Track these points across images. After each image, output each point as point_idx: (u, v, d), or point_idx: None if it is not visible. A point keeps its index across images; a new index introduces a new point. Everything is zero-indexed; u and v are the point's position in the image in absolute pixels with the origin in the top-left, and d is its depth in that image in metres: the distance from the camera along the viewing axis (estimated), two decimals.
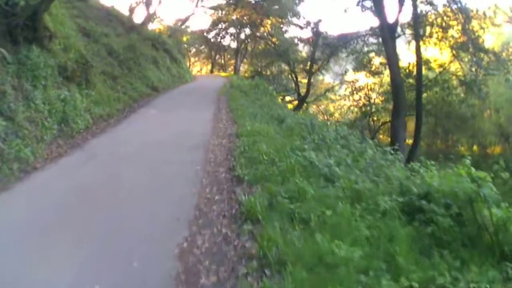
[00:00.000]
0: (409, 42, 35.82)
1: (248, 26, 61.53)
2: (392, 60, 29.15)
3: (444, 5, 31.66)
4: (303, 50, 57.44)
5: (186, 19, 62.96)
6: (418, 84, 31.66)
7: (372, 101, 44.86)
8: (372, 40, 40.50)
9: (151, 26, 50.54)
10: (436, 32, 33.40)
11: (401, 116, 28.89)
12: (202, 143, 14.26)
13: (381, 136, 44.68)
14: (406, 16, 48.05)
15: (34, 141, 12.13)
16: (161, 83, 31.50)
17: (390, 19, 29.56)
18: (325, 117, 56.47)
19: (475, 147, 44.63)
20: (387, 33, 28.64)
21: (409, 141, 34.85)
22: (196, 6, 61.80)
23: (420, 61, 32.00)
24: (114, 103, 20.33)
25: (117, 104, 20.72)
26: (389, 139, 42.08)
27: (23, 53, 13.62)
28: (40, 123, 12.94)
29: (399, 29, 32.45)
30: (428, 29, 33.20)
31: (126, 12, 40.93)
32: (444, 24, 32.74)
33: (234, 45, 73.21)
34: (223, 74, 63.88)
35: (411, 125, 34.89)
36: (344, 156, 11.02)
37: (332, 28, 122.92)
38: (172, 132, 16.04)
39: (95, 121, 17.05)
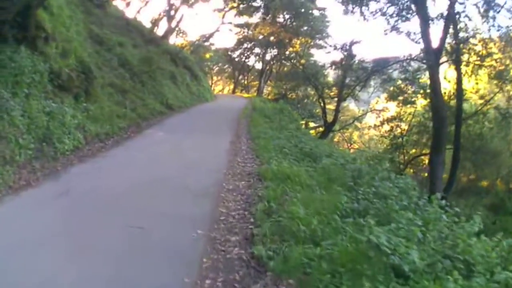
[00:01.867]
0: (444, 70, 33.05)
1: (275, 46, 58.72)
2: (436, 89, 26.07)
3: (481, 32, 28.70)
4: (329, 74, 54.58)
5: (211, 35, 61.51)
6: (458, 116, 28.66)
7: (404, 132, 41.56)
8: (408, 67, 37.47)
9: (174, 41, 49.56)
10: (474, 61, 30.25)
11: (442, 152, 25.92)
12: (212, 186, 10.83)
13: (409, 170, 41.53)
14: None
15: (1, 162, 9.74)
16: (177, 100, 29.21)
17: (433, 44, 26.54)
18: (349, 146, 54.36)
19: (498, 182, 41.50)
20: (433, 59, 25.47)
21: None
22: (222, 22, 59.96)
23: (461, 91, 29.11)
24: (117, 120, 17.60)
25: (121, 121, 17.95)
26: (414, 172, 39.49)
27: (7, 54, 11.51)
28: (13, 140, 10.49)
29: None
30: (466, 57, 30.01)
31: (148, 25, 39.69)
32: (483, 52, 29.61)
33: (258, 65, 72.04)
34: (245, 95, 62.71)
35: None
36: (414, 226, 7.49)
37: (361, 53, 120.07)
38: (176, 166, 12.94)
39: (88, 141, 14.27)
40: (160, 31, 43.25)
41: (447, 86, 32.94)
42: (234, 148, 16.72)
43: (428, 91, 34.43)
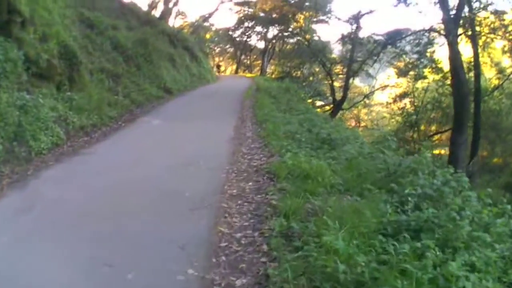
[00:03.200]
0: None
1: (278, 22, 56.79)
2: (457, 63, 23.81)
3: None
4: (333, 51, 55.04)
5: (210, 15, 61.25)
6: (477, 92, 26.85)
7: (417, 109, 39.56)
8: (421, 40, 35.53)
9: (173, 22, 50.31)
10: (487, 34, 28.61)
11: (465, 131, 24.15)
12: (210, 192, 8.47)
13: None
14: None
15: None
16: (176, 83, 27.82)
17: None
18: (357, 124, 52.79)
19: (509, 158, 39.34)
20: (453, 29, 23.26)
21: None
22: (222, 1, 58.65)
23: (478, 65, 27.15)
24: (107, 109, 16.15)
25: (112, 110, 16.54)
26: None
27: None
28: None
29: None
30: (477, 29, 27.94)
31: (145, 8, 39.62)
32: (497, 24, 28.11)
33: (261, 44, 71.69)
34: (248, 74, 62.50)
35: None
36: (489, 249, 5.27)
37: (370, 28, 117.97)
38: (170, 163, 10.72)
39: (70, 136, 12.59)
40: (157, 13, 42.19)
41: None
42: (239, 136, 14.78)
43: (440, 65, 32.88)
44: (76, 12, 20.10)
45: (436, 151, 37.25)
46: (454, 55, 23.95)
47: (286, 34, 59.61)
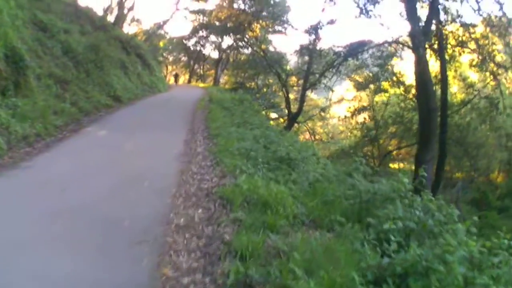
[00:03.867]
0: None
1: (233, 31, 56.13)
2: (425, 76, 22.99)
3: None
4: (289, 63, 54.32)
5: (165, 22, 62.80)
6: (443, 107, 25.94)
7: (378, 124, 39.14)
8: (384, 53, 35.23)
9: (127, 29, 51.47)
10: (454, 46, 27.78)
11: (432, 149, 23.25)
12: (155, 221, 7.31)
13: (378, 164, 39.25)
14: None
15: None
16: (126, 92, 27.09)
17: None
18: (313, 138, 52.51)
19: (473, 173, 40.33)
20: (422, 41, 22.50)
21: None
22: (177, 9, 58.80)
23: (446, 78, 26.57)
24: (52, 117, 15.34)
25: (58, 118, 15.79)
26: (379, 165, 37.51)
27: None
28: None
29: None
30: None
31: (101, 13, 39.73)
32: (465, 37, 27.24)
33: (215, 54, 72.02)
34: (201, 84, 63.05)
35: None
36: None
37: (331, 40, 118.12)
38: (111, 183, 9.59)
39: (12, 146, 11.74)
40: (112, 18, 42.45)
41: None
42: (189, 151, 13.77)
43: (401, 79, 32.68)
44: (29, 14, 19.73)
45: (395, 166, 36.95)
46: (422, 69, 23.25)
47: (241, 44, 59.23)
